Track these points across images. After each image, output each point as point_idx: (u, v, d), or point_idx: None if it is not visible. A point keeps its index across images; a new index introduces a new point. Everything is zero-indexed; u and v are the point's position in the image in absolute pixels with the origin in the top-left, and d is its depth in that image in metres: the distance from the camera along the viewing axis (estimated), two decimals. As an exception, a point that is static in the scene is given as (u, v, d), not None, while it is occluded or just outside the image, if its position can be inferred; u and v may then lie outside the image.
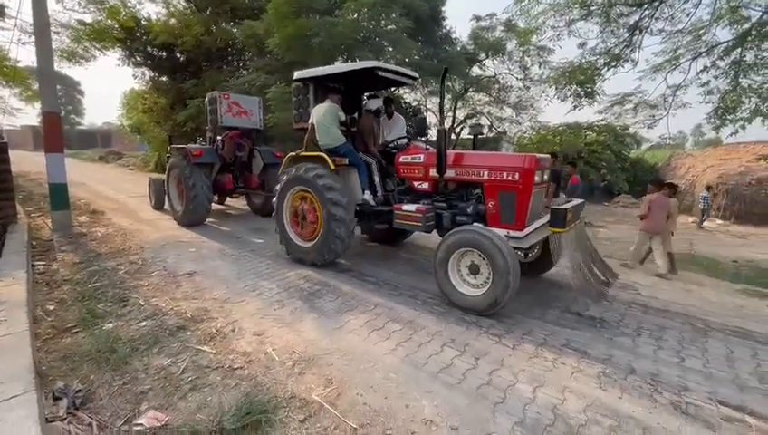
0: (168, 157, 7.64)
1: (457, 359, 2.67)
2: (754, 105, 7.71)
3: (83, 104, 53.89)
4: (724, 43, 8.12)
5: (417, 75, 4.85)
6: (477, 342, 2.92)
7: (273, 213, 4.97)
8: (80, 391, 2.18)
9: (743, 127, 7.87)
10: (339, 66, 4.54)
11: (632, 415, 2.13)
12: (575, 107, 10.56)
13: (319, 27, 9.68)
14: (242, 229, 6.81)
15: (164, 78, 16.25)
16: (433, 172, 4.01)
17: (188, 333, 2.93)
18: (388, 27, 11.32)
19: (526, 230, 3.47)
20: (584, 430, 2.01)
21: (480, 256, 3.31)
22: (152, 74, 16.52)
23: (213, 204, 7.28)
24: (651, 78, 9.39)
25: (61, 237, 5.58)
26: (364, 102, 5.05)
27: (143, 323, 3.06)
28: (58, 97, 6.55)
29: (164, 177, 7.73)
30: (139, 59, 15.61)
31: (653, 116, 10.06)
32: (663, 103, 9.70)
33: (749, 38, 7.43)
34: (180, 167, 6.67)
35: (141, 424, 1.95)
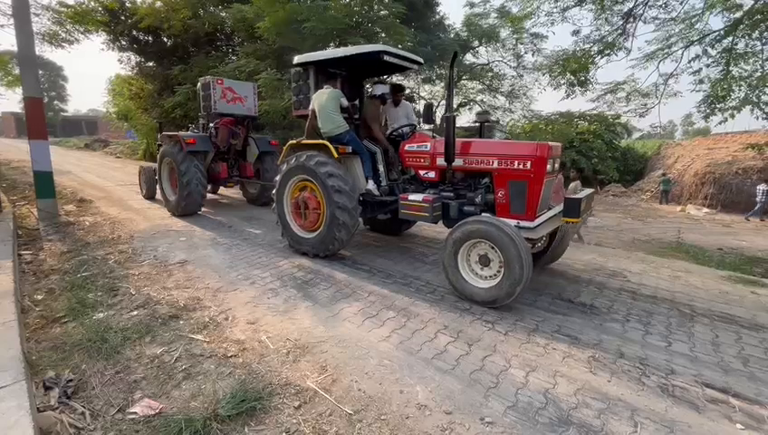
0: (159, 145, 7.46)
1: (451, 345, 2.70)
2: (744, 94, 7.78)
3: (67, 90, 52.43)
4: (716, 31, 8.14)
5: (422, 60, 4.68)
6: (470, 328, 2.96)
7: (273, 202, 4.84)
8: (71, 380, 2.16)
9: (732, 116, 7.94)
10: (342, 50, 4.35)
11: (621, 398, 2.19)
12: (568, 95, 10.57)
13: (310, 12, 9.49)
14: (234, 218, 6.74)
15: (150, 63, 15.84)
16: (440, 161, 3.90)
17: (181, 322, 2.91)
18: (381, 12, 11.15)
19: (537, 220, 3.39)
20: (575, 412, 2.06)
21: (491, 247, 3.21)
22: (138, 59, 16.10)
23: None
24: (644, 66, 9.41)
25: (47, 226, 5.47)
26: (370, 88, 4.91)
27: (135, 313, 3.03)
28: (41, 82, 6.35)
29: (155, 165, 7.56)
30: (124, 43, 15.17)
31: (645, 105, 10.12)
32: (655, 92, 9.75)
33: (741, 26, 7.46)
34: (173, 155, 6.49)
35: (135, 412, 1.95)
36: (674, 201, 15.75)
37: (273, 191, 4.81)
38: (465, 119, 18.08)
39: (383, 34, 11.00)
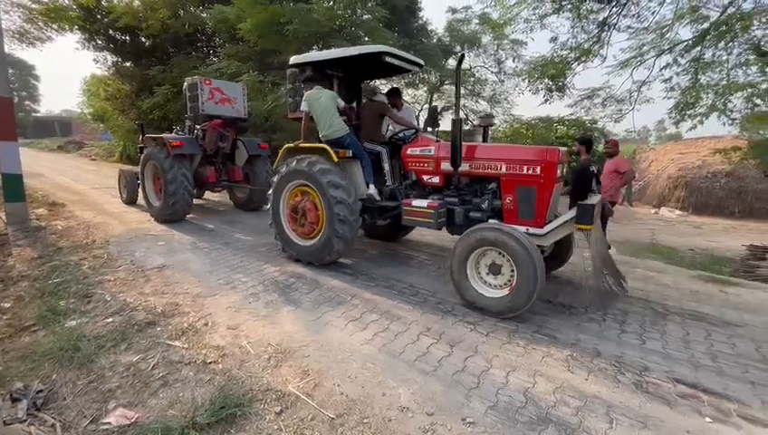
0: (141, 148, 7.20)
1: (433, 347, 2.72)
2: (711, 101, 8.14)
3: (39, 90, 50.41)
4: (685, 41, 8.50)
5: (422, 62, 4.56)
6: (452, 330, 2.98)
7: (267, 207, 4.65)
8: (41, 391, 2.08)
9: (700, 122, 8.31)
10: (342, 50, 4.16)
11: (597, 395, 2.24)
12: (546, 100, 10.85)
13: (293, 14, 9.44)
14: (216, 222, 6.62)
15: (128, 63, 15.43)
16: (445, 165, 3.81)
17: (159, 329, 2.84)
18: (364, 17, 11.18)
19: (547, 227, 3.33)
20: (553, 410, 2.10)
21: (501, 254, 3.14)
22: (115, 59, 15.65)
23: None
24: (618, 74, 9.72)
25: (16, 231, 5.25)
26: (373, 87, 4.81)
27: (109, 320, 2.94)
28: (10, 81, 6.11)
29: (136, 169, 7.31)
30: (100, 42, 14.71)
31: (620, 110, 10.44)
32: (629, 98, 10.08)
33: (708, 37, 7.81)
34: (157, 159, 6.19)
35: (109, 423, 1.89)
36: (648, 204, 16.31)
37: (269, 194, 4.62)
38: (449, 122, 18.22)
39: (366, 38, 11.03)
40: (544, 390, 2.28)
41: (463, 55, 3.87)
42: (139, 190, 7.26)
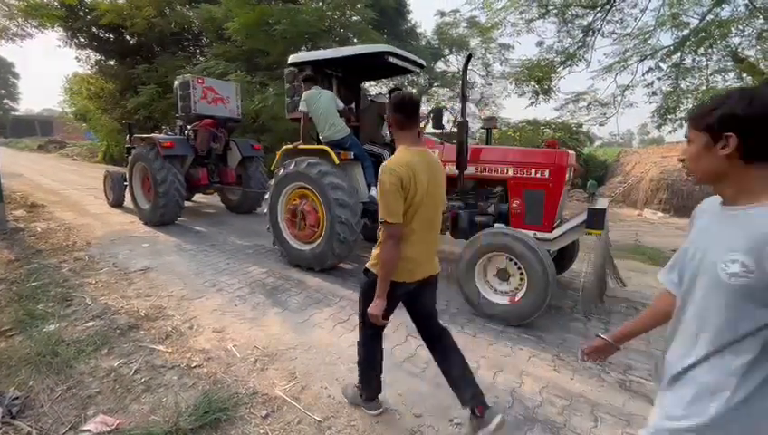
0: (129, 148, 7.00)
1: (421, 348, 2.70)
2: (691, 105, 8.36)
3: (19, 88, 49.14)
4: (666, 47, 8.72)
5: (424, 63, 4.46)
6: (440, 331, 2.99)
7: (263, 211, 4.53)
8: (17, 398, 2.01)
9: (680, 126, 8.53)
10: (343, 49, 4.08)
11: (583, 394, 2.27)
12: (532, 103, 11.00)
13: (281, 14, 9.40)
14: (202, 223, 6.53)
15: (112, 62, 15.13)
16: (449, 168, 3.69)
17: (142, 333, 2.78)
18: (354, 18, 11.19)
19: (556, 232, 3.27)
20: (540, 410, 2.12)
21: (510, 260, 3.09)
22: (98, 57, 15.33)
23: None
24: (603, 78, 9.91)
25: (-7, 233, 5.09)
26: (376, 94, 4.74)
27: (90, 324, 2.86)
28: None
29: (123, 170, 7.13)
30: (82, 40, 14.40)
31: (604, 114, 10.64)
32: (613, 102, 10.29)
33: (688, 43, 8.01)
34: (147, 160, 5.99)
35: (89, 430, 1.84)
36: (632, 206, 16.64)
37: (266, 196, 4.49)
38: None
39: (355, 40, 11.04)
40: (531, 389, 2.30)
41: (470, 55, 3.82)
42: (126, 192, 7.06)
